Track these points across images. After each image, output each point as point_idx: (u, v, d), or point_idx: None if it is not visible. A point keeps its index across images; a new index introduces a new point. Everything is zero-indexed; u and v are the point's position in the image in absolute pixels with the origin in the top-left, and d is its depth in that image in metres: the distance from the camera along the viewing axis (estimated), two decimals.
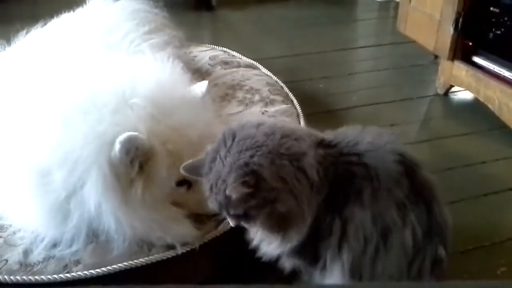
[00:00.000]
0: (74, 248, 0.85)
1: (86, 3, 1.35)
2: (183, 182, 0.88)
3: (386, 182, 0.72)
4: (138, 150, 0.80)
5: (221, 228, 0.91)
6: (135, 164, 0.81)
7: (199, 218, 0.91)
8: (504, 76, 1.51)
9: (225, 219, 0.81)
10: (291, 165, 0.71)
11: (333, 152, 0.75)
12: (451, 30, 1.64)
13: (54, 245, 0.86)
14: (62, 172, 0.82)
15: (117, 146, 0.79)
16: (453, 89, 1.78)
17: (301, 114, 1.31)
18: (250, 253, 0.88)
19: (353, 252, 0.72)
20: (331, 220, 0.73)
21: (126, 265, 0.83)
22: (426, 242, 0.73)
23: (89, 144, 0.80)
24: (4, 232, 0.90)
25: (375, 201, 0.71)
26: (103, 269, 0.82)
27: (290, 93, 1.42)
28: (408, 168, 0.74)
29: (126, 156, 0.80)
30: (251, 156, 0.70)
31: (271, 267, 0.94)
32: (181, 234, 0.87)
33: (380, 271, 0.72)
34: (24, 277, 0.81)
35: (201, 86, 0.95)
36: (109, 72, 0.93)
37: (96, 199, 0.81)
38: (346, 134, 0.78)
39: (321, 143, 0.76)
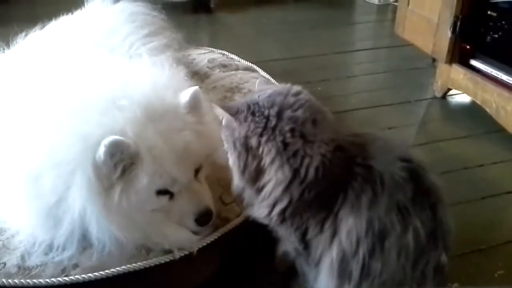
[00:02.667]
0: (67, 253, 0.84)
1: (84, 6, 1.35)
2: (164, 192, 0.85)
3: (389, 187, 0.72)
4: (123, 154, 0.78)
5: (219, 233, 0.91)
6: (119, 168, 0.79)
7: None
8: (501, 79, 1.51)
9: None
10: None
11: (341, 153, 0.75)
12: (449, 33, 1.65)
13: (52, 249, 0.86)
14: (50, 176, 0.80)
15: (102, 149, 0.76)
16: (450, 92, 1.78)
17: None
18: (247, 257, 0.89)
19: (343, 252, 0.73)
20: (324, 217, 0.74)
21: (124, 269, 0.83)
22: (431, 245, 0.73)
23: (74, 145, 0.78)
24: (2, 235, 0.90)
25: (375, 206, 0.71)
26: (101, 272, 0.82)
27: None
28: (414, 174, 0.74)
29: (110, 159, 0.77)
30: None
31: (268, 271, 0.95)
32: (178, 239, 0.87)
33: (378, 270, 0.71)
34: (22, 280, 0.81)
35: (186, 94, 0.89)
36: (102, 74, 0.91)
37: (80, 203, 0.79)
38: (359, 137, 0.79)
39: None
